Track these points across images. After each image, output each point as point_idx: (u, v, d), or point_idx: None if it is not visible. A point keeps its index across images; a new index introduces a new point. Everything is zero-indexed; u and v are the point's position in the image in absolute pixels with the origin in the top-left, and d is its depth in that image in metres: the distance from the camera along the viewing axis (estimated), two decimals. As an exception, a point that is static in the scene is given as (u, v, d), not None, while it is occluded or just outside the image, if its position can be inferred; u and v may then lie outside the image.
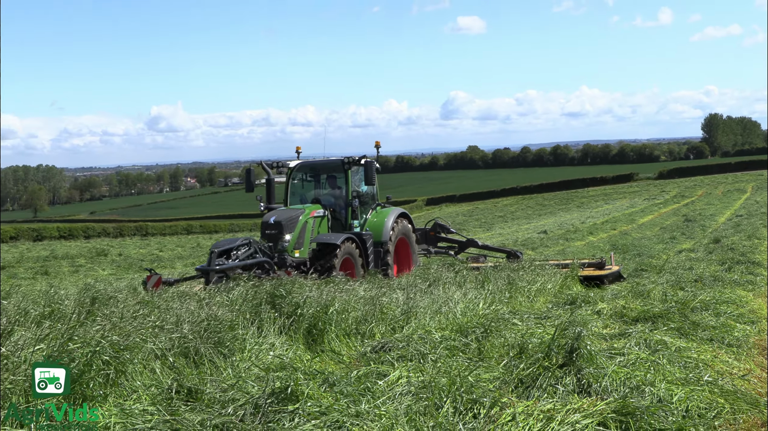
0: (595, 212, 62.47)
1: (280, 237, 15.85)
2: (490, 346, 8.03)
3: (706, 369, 7.32)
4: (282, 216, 16.22)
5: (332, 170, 18.75)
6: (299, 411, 5.29)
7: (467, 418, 5.32)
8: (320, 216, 17.28)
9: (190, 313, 8.69)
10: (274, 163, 18.72)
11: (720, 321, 9.72)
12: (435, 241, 21.00)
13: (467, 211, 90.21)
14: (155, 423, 5.21)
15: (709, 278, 14.36)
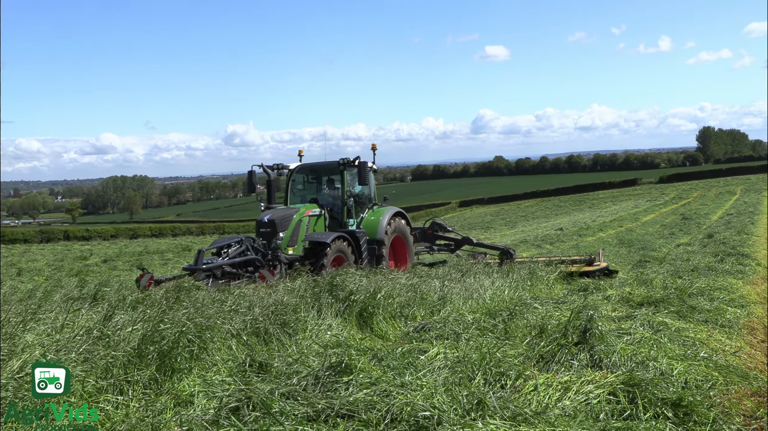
0: (605, 212, 61.83)
1: (273, 236, 14.60)
2: (515, 327, 7.99)
3: (702, 346, 7.25)
4: (276, 216, 14.96)
5: (329, 172, 17.36)
6: (353, 381, 5.30)
7: (496, 388, 5.29)
8: (316, 215, 15.94)
9: (260, 299, 8.76)
10: (274, 166, 17.15)
11: (714, 305, 9.62)
12: (433, 239, 19.70)
13: (494, 211, 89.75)
14: (232, 391, 5.25)
15: (704, 268, 14.17)
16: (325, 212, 16.19)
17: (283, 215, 14.96)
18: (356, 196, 17.06)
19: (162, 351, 6.11)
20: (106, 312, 7.97)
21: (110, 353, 6.16)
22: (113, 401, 5.14)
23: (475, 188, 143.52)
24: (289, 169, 17.30)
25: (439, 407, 4.61)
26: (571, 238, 33.09)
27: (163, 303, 8.25)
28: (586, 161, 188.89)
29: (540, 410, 4.76)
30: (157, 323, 6.71)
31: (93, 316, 8.01)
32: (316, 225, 15.79)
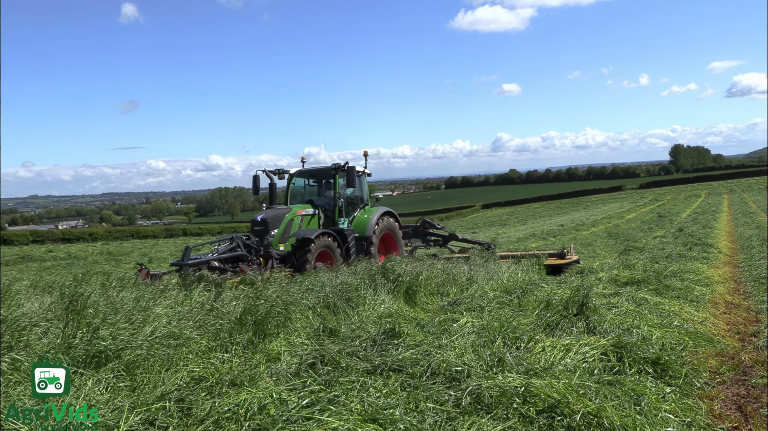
0: (596, 212, 60.75)
1: (266, 233, 12.87)
2: (527, 301, 7.90)
3: (675, 317, 7.09)
4: (268, 215, 13.23)
5: (324, 176, 15.31)
6: (401, 343, 5.31)
7: (512, 349, 5.26)
8: (310, 215, 14.09)
9: (329, 280, 8.81)
10: (276, 171, 15.30)
11: (684, 285, 9.40)
12: (424, 235, 17.63)
13: (509, 211, 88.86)
14: (309, 351, 5.29)
15: (676, 255, 13.83)
16: (319, 212, 14.49)
17: (276, 214, 13.35)
18: (348, 197, 15.32)
19: (257, 320, 6.20)
20: (217, 291, 8.12)
21: (218, 322, 6.27)
22: (220, 357, 5.23)
23: (494, 194, 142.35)
24: (290, 173, 15.56)
25: (468, 363, 4.59)
26: (570, 232, 32.56)
27: (259, 285, 8.36)
28: (582, 172, 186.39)
29: (547, 366, 4.71)
30: (254, 299, 6.81)
31: (206, 294, 8.17)
32: (310, 223, 14.09)
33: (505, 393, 3.89)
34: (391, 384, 4.24)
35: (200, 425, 3.49)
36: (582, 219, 47.96)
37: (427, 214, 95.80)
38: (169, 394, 3.99)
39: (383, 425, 3.40)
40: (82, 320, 5.71)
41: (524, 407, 3.74)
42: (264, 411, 3.50)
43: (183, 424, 3.57)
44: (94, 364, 4.79)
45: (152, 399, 3.90)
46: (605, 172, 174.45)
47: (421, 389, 4.18)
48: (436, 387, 4.21)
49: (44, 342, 5.25)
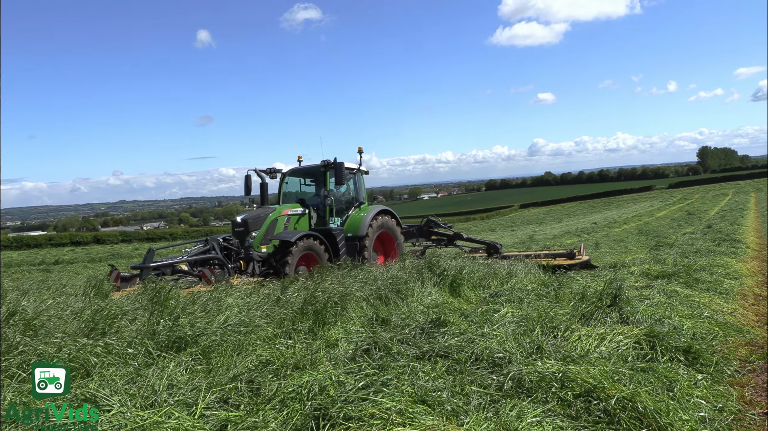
0: (628, 210, 59.14)
1: (246, 235, 11.20)
2: (563, 294, 7.74)
3: (706, 308, 6.84)
4: (249, 215, 11.51)
5: (317, 174, 13.16)
6: (447, 332, 5.27)
7: (550, 337, 5.16)
8: (298, 215, 12.17)
9: (381, 274, 8.82)
10: (268, 170, 13.37)
11: (713, 278, 9.07)
12: (428, 235, 15.69)
13: (545, 211, 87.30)
14: (364, 337, 5.31)
15: (705, 250, 13.34)
16: (311, 212, 12.63)
17: (257, 215, 11.59)
18: (342, 196, 13.42)
19: (317, 310, 6.25)
20: (283, 285, 8.25)
21: (282, 311, 6.36)
22: (285, 343, 5.29)
23: (531, 195, 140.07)
24: (282, 172, 13.65)
25: (509, 350, 4.53)
26: (603, 229, 31.81)
27: (317, 280, 8.44)
28: (613, 173, 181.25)
29: (583, 353, 4.61)
30: (314, 291, 6.88)
31: (272, 286, 8.29)
32: (298, 223, 12.18)
33: (544, 378, 3.81)
34: (438, 368, 4.22)
35: (268, 403, 3.54)
36: (614, 217, 46.77)
37: (469, 213, 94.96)
38: (241, 376, 4.06)
39: (432, 406, 3.38)
40: (165, 310, 5.88)
41: (562, 391, 3.66)
42: (324, 392, 3.52)
43: (253, 403, 3.63)
44: (175, 348, 4.92)
45: (225, 380, 3.98)
46: (636, 173, 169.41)
47: (465, 374, 4.14)
48: (479, 372, 4.16)
49: (132, 329, 5.42)
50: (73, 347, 4.61)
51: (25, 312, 5.75)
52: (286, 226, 11.85)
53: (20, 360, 4.38)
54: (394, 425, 3.04)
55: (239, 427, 3.19)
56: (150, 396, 3.58)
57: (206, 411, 3.37)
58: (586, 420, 3.37)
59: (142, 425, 3.00)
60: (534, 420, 3.25)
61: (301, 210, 12.29)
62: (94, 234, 56.12)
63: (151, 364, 4.49)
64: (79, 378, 4.15)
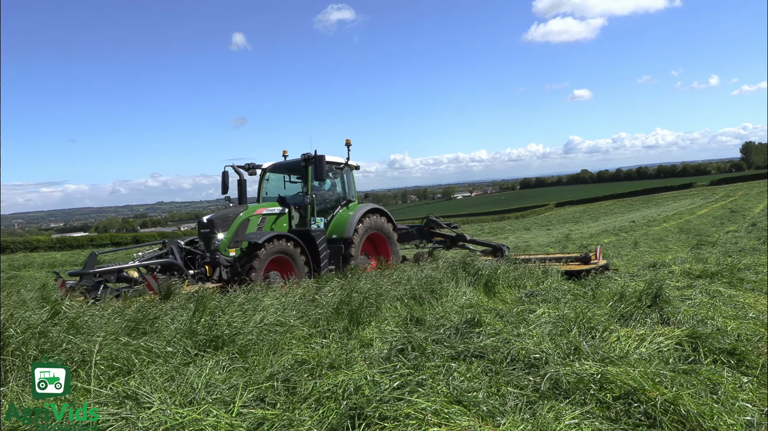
0: (667, 208, 57.80)
1: (212, 237, 10.09)
2: (600, 294, 7.61)
3: (750, 309, 6.62)
4: (217, 215, 10.42)
5: (300, 170, 11.84)
6: (482, 332, 5.23)
7: (588, 338, 5.07)
8: (275, 214, 11.01)
9: (415, 274, 8.81)
10: (246, 165, 12.12)
11: (758, 277, 8.78)
12: (429, 236, 14.16)
13: (581, 209, 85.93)
14: (398, 337, 5.31)
15: (749, 249, 12.97)
16: (291, 211, 11.43)
17: (225, 215, 10.46)
18: (326, 193, 12.18)
19: (352, 309, 6.28)
20: (318, 285, 8.31)
21: (318, 311, 6.41)
22: (320, 342, 5.33)
23: (567, 193, 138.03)
24: (262, 168, 12.32)
25: (546, 351, 4.47)
26: (642, 228, 31.17)
27: (353, 280, 8.47)
28: (652, 171, 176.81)
29: (622, 355, 4.52)
30: (349, 292, 6.90)
31: (308, 286, 8.37)
32: (275, 224, 11.01)
33: (582, 379, 3.75)
34: (473, 369, 4.20)
35: (304, 402, 3.57)
36: (653, 215, 45.77)
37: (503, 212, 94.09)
38: (277, 375, 4.11)
39: (467, 406, 3.36)
40: (205, 310, 5.99)
41: (601, 393, 3.59)
42: (359, 392, 3.53)
43: (289, 401, 3.66)
44: (213, 347, 5.01)
45: (262, 379, 4.03)
46: (676, 170, 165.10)
47: (501, 374, 4.11)
48: (515, 372, 4.12)
49: (172, 328, 5.53)
50: (115, 346, 4.73)
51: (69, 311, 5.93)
52: (260, 227, 10.71)
53: (65, 357, 4.52)
54: (429, 425, 3.03)
55: (276, 426, 3.23)
56: (189, 394, 3.65)
57: (243, 410, 3.41)
58: (626, 422, 3.31)
59: (181, 422, 3.05)
60: (572, 423, 3.20)
61: (280, 209, 11.18)
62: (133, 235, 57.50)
63: (189, 363, 4.57)
64: (121, 376, 4.26)
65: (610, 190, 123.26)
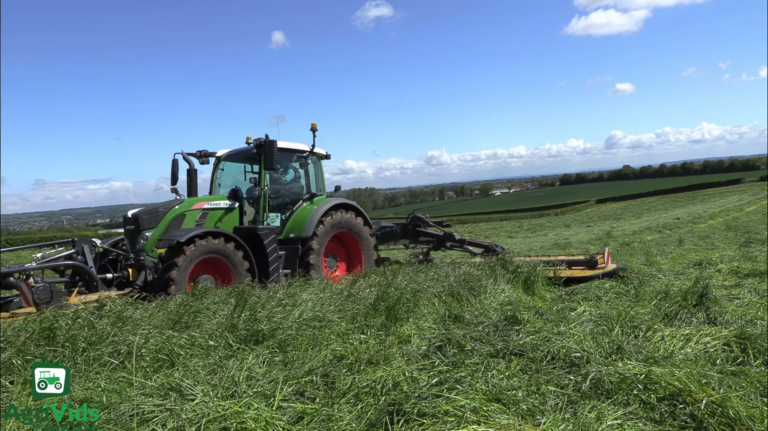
0: (714, 205, 56.07)
1: (137, 235, 8.77)
2: (643, 292, 7.44)
3: (804, 309, 6.37)
4: (143, 210, 8.99)
5: (256, 158, 10.12)
6: (522, 330, 5.18)
7: (630, 337, 4.97)
8: (221, 209, 9.55)
9: (453, 271, 8.77)
10: (198, 153, 10.51)
11: (813, 277, 8.45)
12: (415, 235, 12.59)
13: (623, 206, 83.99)
14: (437, 334, 5.30)
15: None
16: (245, 206, 9.99)
17: (154, 209, 9.02)
18: (288, 186, 10.74)
19: (389, 305, 6.29)
20: (353, 279, 8.35)
21: (355, 307, 6.44)
22: (358, 338, 5.36)
23: (608, 189, 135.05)
24: (216, 156, 10.77)
25: (587, 350, 4.39)
26: (686, 225, 30.32)
27: (389, 276, 8.48)
28: (697, 166, 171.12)
29: (667, 355, 4.41)
30: (386, 287, 6.92)
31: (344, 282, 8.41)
32: (222, 221, 9.53)
33: (625, 379, 3.67)
34: (513, 367, 4.15)
35: (343, 397, 3.59)
36: (699, 212, 44.47)
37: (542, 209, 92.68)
38: (316, 369, 4.15)
39: (507, 404, 3.33)
40: (245, 305, 6.10)
41: (645, 394, 3.51)
42: (398, 388, 3.54)
43: (328, 396, 3.70)
44: (253, 341, 5.09)
45: (301, 373, 4.07)
46: (722, 166, 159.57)
47: (541, 373, 4.05)
48: (555, 371, 4.06)
49: (213, 322, 5.65)
50: (159, 338, 4.85)
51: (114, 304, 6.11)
52: (199, 224, 9.20)
53: (111, 349, 4.66)
54: (468, 423, 3.02)
55: (315, 420, 3.26)
56: (230, 387, 3.72)
57: (283, 403, 3.46)
58: (671, 424, 3.23)
59: (223, 414, 3.11)
60: (615, 423, 3.13)
61: (228, 203, 9.72)
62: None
63: (231, 356, 4.66)
64: (165, 368, 4.37)
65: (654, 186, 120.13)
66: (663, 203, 77.92)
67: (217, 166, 10.86)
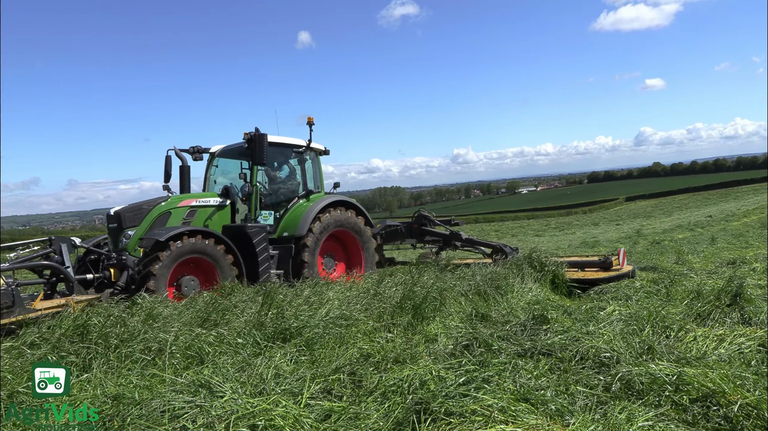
0: (747, 202, 54.71)
1: (119, 233, 8.32)
2: (675, 292, 7.30)
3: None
4: (127, 207, 8.51)
5: (250, 154, 9.46)
6: (550, 329, 5.13)
7: (662, 338, 4.88)
8: (211, 207, 9.09)
9: (479, 269, 8.72)
10: (191, 149, 10.13)
11: None
12: (421, 234, 12.00)
13: (653, 204, 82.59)
14: (463, 333, 5.28)
15: (841, 246, 12.11)
16: (238, 203, 9.40)
17: (138, 207, 8.56)
18: (283, 183, 10.30)
19: (415, 304, 6.28)
20: (380, 278, 8.36)
21: (381, 305, 6.45)
22: (384, 337, 5.37)
23: (638, 187, 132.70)
24: (210, 152, 10.36)
25: (617, 350, 4.33)
26: (719, 223, 29.68)
27: (415, 275, 8.47)
28: (730, 163, 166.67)
29: (700, 355, 4.32)
30: (412, 286, 6.92)
31: (370, 280, 8.43)
32: (212, 219, 9.06)
33: (656, 380, 3.61)
34: (541, 366, 4.12)
35: (370, 395, 3.60)
36: (732, 209, 43.47)
37: (570, 207, 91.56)
38: (343, 368, 4.17)
39: (535, 404, 3.30)
40: (273, 303, 6.15)
41: (677, 395, 3.45)
42: (425, 386, 3.54)
43: (355, 394, 3.71)
44: (281, 339, 5.13)
45: (328, 372, 4.10)
46: (757, 162, 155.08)
47: (570, 373, 4.01)
48: (585, 371, 4.02)
49: (241, 320, 5.71)
50: (189, 336, 4.93)
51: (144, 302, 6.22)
52: (186, 222, 8.75)
53: (142, 346, 4.75)
54: (496, 422, 3.00)
55: (342, 418, 3.28)
56: (258, 385, 3.76)
57: (311, 401, 3.49)
58: (705, 426, 3.17)
59: (252, 411, 3.15)
60: (646, 424, 3.09)
61: (219, 200, 9.26)
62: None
63: (259, 354, 4.71)
64: (194, 365, 4.44)
65: (685, 183, 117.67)
66: (695, 200, 76.40)
67: (211, 162, 10.46)
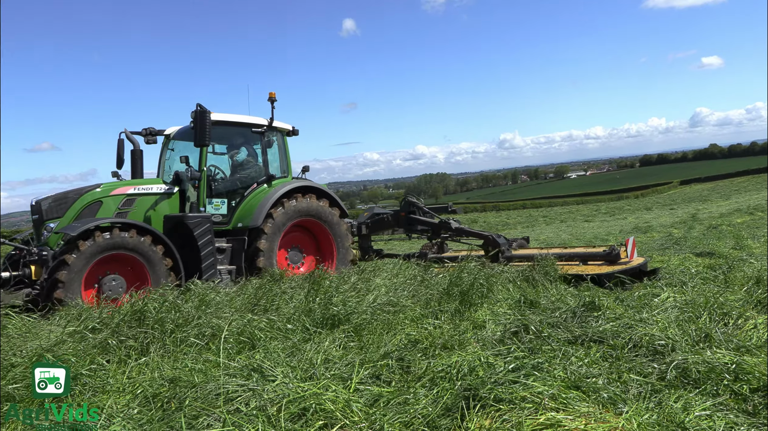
0: (812, 184, 52.17)
1: (40, 225, 7.50)
2: (733, 278, 7.04)
3: None
4: (49, 196, 7.58)
5: (214, 137, 8.58)
6: (601, 316, 5.03)
7: (719, 325, 4.72)
8: (155, 195, 8.08)
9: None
10: (144, 131, 9.12)
11: None
12: (409, 223, 10.81)
13: (710, 187, 79.50)
14: (512, 320, 5.24)
15: None
16: (189, 191, 8.18)
17: (63, 196, 7.59)
18: (242, 167, 9.15)
19: (462, 291, 6.27)
20: (426, 265, 8.36)
21: (428, 292, 6.46)
22: (432, 323, 5.38)
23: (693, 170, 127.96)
24: (165, 134, 9.32)
25: (672, 338, 4.22)
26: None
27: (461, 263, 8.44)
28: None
29: (760, 344, 4.16)
30: (459, 273, 6.90)
31: (416, 267, 8.44)
32: (155, 209, 8.04)
33: (714, 369, 3.51)
34: (592, 354, 4.05)
35: (418, 381, 3.63)
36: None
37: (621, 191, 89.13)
38: (391, 354, 4.20)
39: (586, 392, 3.26)
40: (320, 290, 6.24)
41: (736, 384, 3.35)
42: (473, 373, 3.54)
43: (404, 380, 3.74)
44: (329, 325, 5.21)
45: (377, 357, 4.14)
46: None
47: (623, 360, 3.93)
48: (638, 359, 3.93)
49: (290, 306, 5.82)
50: (240, 322, 5.06)
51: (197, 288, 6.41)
52: (120, 213, 7.78)
53: (197, 331, 4.90)
54: (546, 410, 2.98)
55: (391, 403, 3.31)
56: (308, 369, 3.83)
57: (360, 386, 3.53)
58: (766, 417, 3.06)
59: (302, 395, 3.21)
60: (703, 414, 3.01)
61: (165, 188, 8.28)
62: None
63: (308, 340, 4.80)
64: (247, 350, 4.55)
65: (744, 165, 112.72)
66: (755, 183, 73.06)
67: (165, 145, 9.44)
